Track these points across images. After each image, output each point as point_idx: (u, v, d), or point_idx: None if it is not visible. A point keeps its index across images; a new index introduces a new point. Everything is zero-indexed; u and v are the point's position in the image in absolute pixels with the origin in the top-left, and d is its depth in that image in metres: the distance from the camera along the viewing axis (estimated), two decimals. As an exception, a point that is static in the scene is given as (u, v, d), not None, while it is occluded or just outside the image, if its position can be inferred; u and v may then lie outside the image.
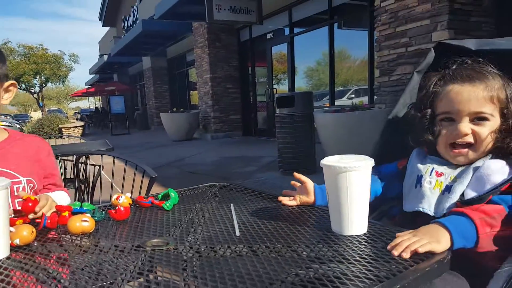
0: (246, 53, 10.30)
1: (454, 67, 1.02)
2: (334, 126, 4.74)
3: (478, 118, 0.94)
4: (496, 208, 0.85)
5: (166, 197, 1.18)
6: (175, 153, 7.98)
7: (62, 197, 1.31)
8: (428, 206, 0.96)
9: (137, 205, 1.17)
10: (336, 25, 7.43)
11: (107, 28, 22.10)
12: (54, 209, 1.03)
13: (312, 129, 4.83)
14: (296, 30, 8.59)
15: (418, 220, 0.94)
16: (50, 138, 5.45)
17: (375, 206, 1.17)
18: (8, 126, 10.36)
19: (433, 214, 0.94)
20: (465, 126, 0.95)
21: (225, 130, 10.31)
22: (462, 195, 0.92)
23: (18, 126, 13.36)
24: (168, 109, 11.82)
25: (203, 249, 0.79)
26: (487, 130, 0.94)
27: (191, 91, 14.41)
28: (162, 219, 1.04)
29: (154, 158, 7.40)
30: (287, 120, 4.72)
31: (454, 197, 0.92)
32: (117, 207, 1.04)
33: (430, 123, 1.02)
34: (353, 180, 0.81)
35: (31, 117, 25.28)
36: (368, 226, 0.86)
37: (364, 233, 0.83)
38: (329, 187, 0.85)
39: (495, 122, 0.95)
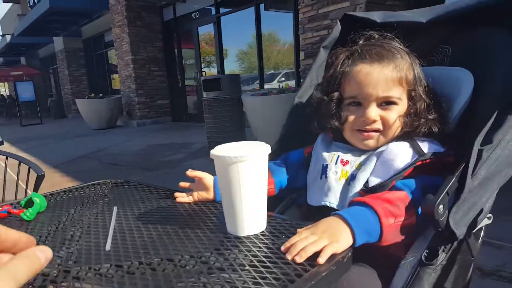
0: (171, 34, 9.82)
1: (361, 42, 0.94)
2: (262, 110, 4.69)
3: (386, 103, 0.88)
4: (399, 195, 0.78)
5: (30, 203, 0.94)
6: (94, 143, 7.41)
7: None
8: (334, 200, 0.89)
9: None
10: (262, 6, 7.31)
11: (9, 5, 19.74)
12: None
13: (241, 113, 4.74)
14: (222, 10, 8.34)
15: (326, 213, 0.84)
16: None
17: (282, 197, 1.09)
18: None
19: (339, 207, 0.87)
20: (373, 111, 0.88)
21: (152, 116, 9.83)
22: (367, 182, 0.86)
23: None
24: (86, 95, 10.94)
25: (55, 275, 0.61)
26: (395, 115, 0.88)
27: (112, 75, 13.51)
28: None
29: (70, 150, 6.80)
30: (215, 104, 4.61)
31: (358, 185, 0.86)
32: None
33: (337, 108, 0.94)
34: (245, 171, 0.69)
35: None
36: (267, 222, 0.76)
37: (263, 232, 0.73)
38: (220, 181, 0.73)
39: (403, 105, 0.89)
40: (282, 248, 0.64)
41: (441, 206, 0.70)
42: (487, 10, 0.92)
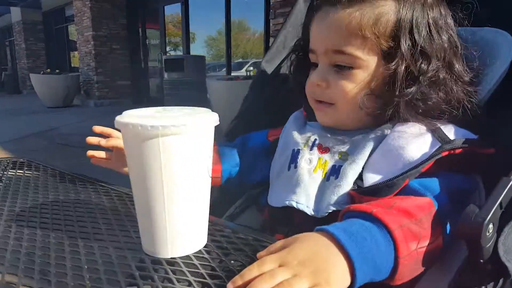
0: (135, 11, 9.26)
1: None
2: (227, 95, 4.47)
3: (339, 66, 0.62)
4: (421, 202, 0.51)
5: None
6: (47, 122, 6.88)
7: None
8: (304, 199, 0.60)
9: None
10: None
11: None
12: None
13: (205, 98, 4.52)
14: (190, -10, 7.96)
15: (296, 218, 0.61)
16: None
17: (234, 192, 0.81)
18: None
19: (312, 212, 0.59)
20: (317, 73, 0.64)
21: (112, 97, 9.30)
22: (360, 179, 0.58)
23: None
24: (42, 70, 10.27)
25: None
26: (351, 83, 0.61)
27: (72, 52, 12.73)
28: None
29: (19, 127, 6.30)
30: (177, 86, 4.37)
31: (345, 184, 0.58)
32: None
33: (303, 63, 0.71)
34: (173, 151, 0.42)
35: None
36: (209, 234, 0.49)
37: (199, 253, 0.46)
38: (131, 167, 0.44)
39: (367, 69, 0.60)
40: (229, 286, 0.37)
41: (490, 226, 0.44)
42: None
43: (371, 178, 0.57)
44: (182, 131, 0.41)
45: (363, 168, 0.58)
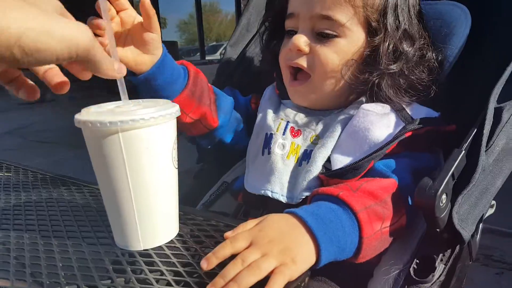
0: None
1: None
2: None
3: (324, 34, 0.61)
4: (386, 184, 0.53)
5: None
6: (18, 119, 6.73)
7: None
8: (279, 188, 0.61)
9: None
10: (202, -29, 6.91)
11: None
12: None
13: None
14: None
15: (269, 203, 0.62)
16: None
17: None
18: None
19: (287, 200, 0.61)
20: (301, 37, 0.61)
21: (84, 89, 9.09)
22: (328, 161, 0.59)
23: None
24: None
25: None
26: (333, 53, 0.60)
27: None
28: None
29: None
30: None
31: (315, 168, 0.59)
32: None
33: (277, 32, 0.70)
34: (135, 145, 0.42)
35: None
36: (182, 223, 0.50)
37: (171, 243, 0.47)
38: (95, 164, 0.44)
39: (351, 40, 0.60)
40: (203, 264, 0.39)
41: (443, 197, 0.46)
42: None
43: (339, 161, 0.58)
44: (142, 125, 0.41)
45: (332, 151, 0.60)
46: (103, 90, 9.30)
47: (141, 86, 0.60)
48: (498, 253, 1.62)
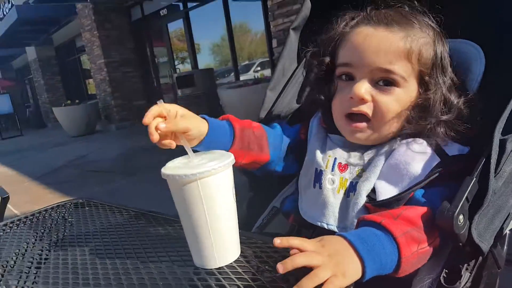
0: (140, 33, 9.53)
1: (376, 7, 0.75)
2: (240, 102, 4.62)
3: (385, 82, 0.68)
4: (422, 212, 0.61)
5: None
6: (74, 151, 7.19)
7: None
8: (333, 220, 0.71)
9: None
10: (229, -4, 7.17)
11: None
12: None
13: (218, 107, 4.66)
14: (189, 4, 8.13)
15: (321, 233, 0.71)
16: None
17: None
18: None
19: (341, 231, 0.69)
20: (363, 87, 0.68)
21: (131, 118, 9.59)
22: (373, 192, 0.68)
23: None
24: (63, 103, 10.66)
25: None
26: (394, 102, 0.68)
27: (87, 80, 13.16)
28: None
29: (50, 160, 6.60)
30: (190, 100, 4.53)
31: (361, 199, 0.68)
32: None
33: (327, 79, 0.77)
34: (208, 189, 0.57)
35: None
36: (245, 244, 0.63)
37: (238, 261, 0.60)
38: (178, 205, 0.60)
39: (407, 91, 0.69)
40: (279, 267, 0.50)
41: (460, 217, 0.56)
42: None
43: (382, 191, 0.67)
44: (212, 173, 0.56)
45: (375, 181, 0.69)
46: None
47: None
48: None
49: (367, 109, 0.70)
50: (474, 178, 0.58)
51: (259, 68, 7.63)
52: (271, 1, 4.73)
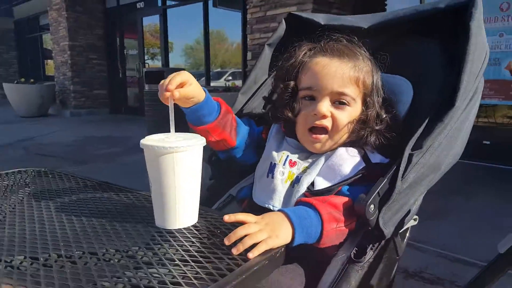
0: (113, 22, 9.35)
1: (326, 41, 0.93)
2: (206, 106, 4.61)
3: (340, 102, 0.87)
4: (345, 200, 0.79)
5: None
6: (22, 132, 6.86)
7: None
8: (278, 204, 0.87)
9: None
10: (210, 2, 7.22)
11: None
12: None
13: None
14: (168, 2, 8.13)
15: (266, 210, 0.85)
16: None
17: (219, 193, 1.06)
18: None
19: None
20: (325, 106, 0.86)
21: (88, 106, 9.29)
22: (312, 184, 0.85)
23: None
24: (16, 80, 10.10)
25: None
26: (346, 117, 0.87)
27: (47, 60, 12.62)
28: None
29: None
30: (157, 97, 4.43)
31: (301, 189, 0.84)
32: None
33: (291, 98, 0.92)
34: (181, 162, 0.66)
35: None
36: (202, 216, 0.73)
37: (195, 226, 0.70)
38: (151, 172, 0.69)
39: (355, 109, 0.88)
40: (225, 239, 0.63)
41: (372, 206, 0.73)
42: (422, 21, 0.97)
43: (319, 184, 0.85)
44: (186, 149, 0.66)
45: (315, 177, 0.86)
46: (105, 107, 9.47)
47: (188, 114, 0.89)
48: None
49: (327, 123, 0.87)
50: (386, 179, 0.77)
51: (230, 78, 7.73)
52: (250, 15, 4.84)
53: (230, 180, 1.07)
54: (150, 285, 0.50)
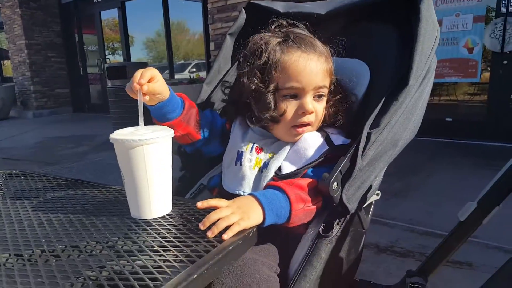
0: (70, 17, 9.03)
1: (285, 29, 0.94)
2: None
3: (319, 95, 0.91)
4: (310, 182, 0.83)
5: None
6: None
7: None
8: (248, 189, 0.90)
9: None
10: (170, -7, 7.09)
11: None
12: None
13: None
14: (126, -6, 7.92)
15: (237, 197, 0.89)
16: None
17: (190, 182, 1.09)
18: None
19: None
20: (311, 102, 0.89)
21: (51, 107, 9.00)
22: (279, 169, 0.88)
23: None
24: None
25: None
26: (323, 107, 0.92)
27: (3, 61, 12.05)
28: None
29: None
30: (121, 93, 4.38)
31: (270, 173, 0.88)
32: None
33: (273, 98, 0.90)
34: (151, 154, 0.69)
35: None
36: (176, 205, 0.77)
37: (170, 214, 0.73)
38: (123, 166, 0.71)
39: (326, 97, 0.93)
40: (201, 226, 0.66)
41: (335, 184, 0.78)
42: (377, 6, 1.01)
43: (286, 168, 0.88)
44: (155, 141, 0.68)
45: (282, 161, 0.90)
46: (69, 106, 9.17)
47: (154, 111, 0.91)
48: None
49: (312, 118, 0.91)
50: (347, 158, 0.81)
51: (194, 69, 7.64)
52: (211, 4, 4.81)
53: (199, 171, 1.10)
54: (134, 270, 0.53)
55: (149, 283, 0.49)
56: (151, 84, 0.80)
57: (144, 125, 0.74)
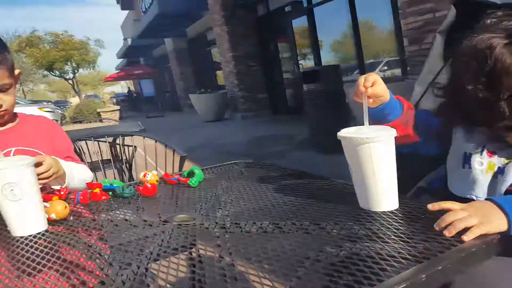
0: (265, 29, 9.93)
1: (503, 25, 0.85)
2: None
3: None
4: None
5: (191, 174, 1.19)
6: (206, 134, 8.07)
7: (82, 169, 1.30)
8: (482, 194, 0.86)
9: (164, 182, 1.19)
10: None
11: (127, 11, 21.62)
12: (61, 171, 1.10)
13: (344, 104, 4.60)
14: (314, 1, 8.23)
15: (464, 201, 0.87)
16: (90, 122, 5.75)
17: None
18: (50, 111, 10.77)
19: None
20: None
21: (254, 109, 10.08)
22: None
23: (60, 111, 13.01)
24: (197, 91, 11.78)
25: (228, 225, 0.79)
26: None
27: (216, 71, 14.31)
28: (188, 195, 1.05)
29: (189, 139, 7.47)
30: (315, 95, 4.56)
31: (509, 179, 0.82)
32: (144, 184, 1.08)
33: (507, 106, 0.82)
34: (377, 151, 0.76)
35: (71, 102, 25.41)
36: (401, 203, 0.80)
37: (398, 210, 0.78)
38: (351, 161, 0.81)
39: None
40: (435, 224, 0.65)
41: None
42: None
43: None
44: (380, 140, 0.76)
45: None
46: (268, 109, 10.12)
47: (375, 113, 0.93)
48: None
49: None
50: None
51: (386, 68, 7.25)
52: (401, -2, 4.58)
53: (413, 172, 1.10)
54: (370, 254, 0.58)
55: (387, 268, 0.52)
56: (374, 87, 0.87)
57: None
